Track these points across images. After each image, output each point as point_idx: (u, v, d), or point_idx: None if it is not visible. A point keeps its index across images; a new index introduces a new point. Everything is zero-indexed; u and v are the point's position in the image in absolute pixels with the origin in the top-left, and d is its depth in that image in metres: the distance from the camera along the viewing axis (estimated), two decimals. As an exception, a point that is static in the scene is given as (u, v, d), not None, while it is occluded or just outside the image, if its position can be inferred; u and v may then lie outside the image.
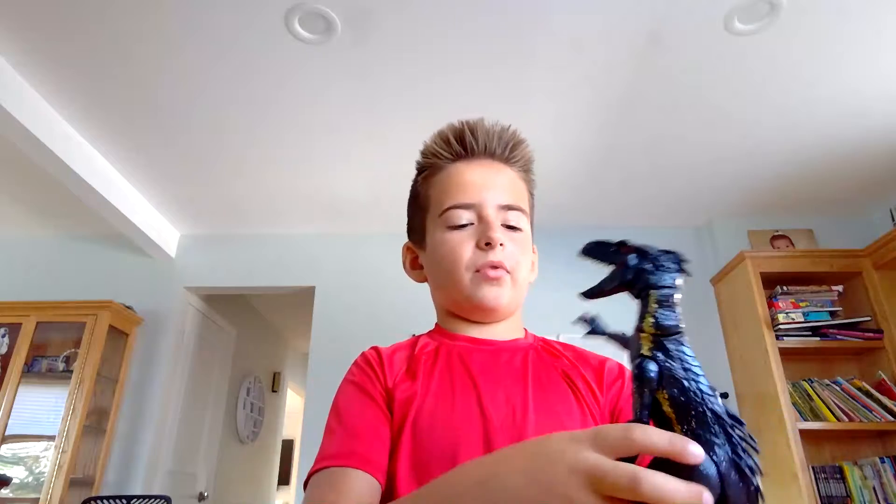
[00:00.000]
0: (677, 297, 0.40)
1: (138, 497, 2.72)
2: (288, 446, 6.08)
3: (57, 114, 2.44)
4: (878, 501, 2.52)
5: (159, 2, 1.90)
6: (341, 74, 2.21)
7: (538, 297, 0.83)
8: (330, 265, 3.38)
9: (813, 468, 2.57)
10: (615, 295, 0.43)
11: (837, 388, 2.71)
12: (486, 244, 0.69)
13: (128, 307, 3.16)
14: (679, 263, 0.41)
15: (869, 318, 2.76)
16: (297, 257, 3.42)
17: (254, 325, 4.66)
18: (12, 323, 3.06)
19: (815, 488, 2.50)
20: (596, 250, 0.45)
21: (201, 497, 3.62)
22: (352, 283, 3.32)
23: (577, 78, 2.24)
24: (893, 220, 2.91)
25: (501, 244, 0.70)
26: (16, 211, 3.33)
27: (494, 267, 0.69)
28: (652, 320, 0.40)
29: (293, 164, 2.82)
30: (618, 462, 0.35)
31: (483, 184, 0.73)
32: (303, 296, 3.42)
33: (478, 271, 0.70)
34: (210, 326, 3.81)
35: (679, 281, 0.40)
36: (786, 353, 2.68)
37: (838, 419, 2.59)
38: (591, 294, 0.44)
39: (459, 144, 0.76)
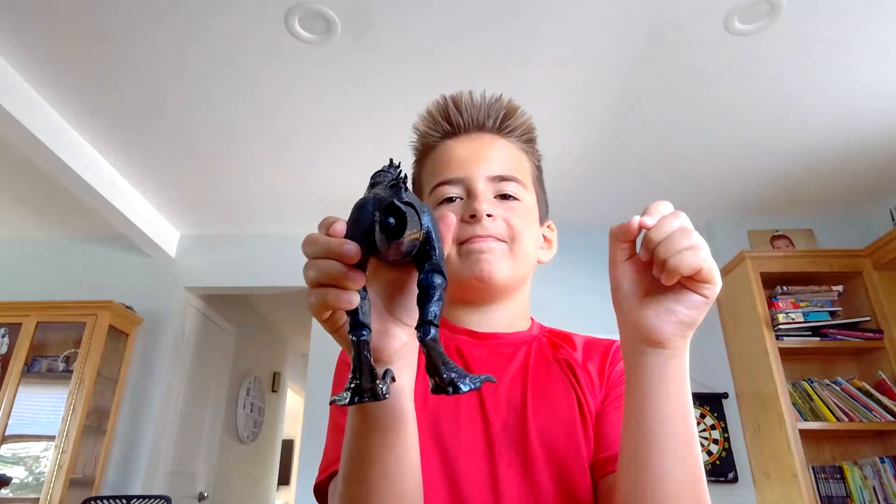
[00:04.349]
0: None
1: (138, 497, 2.72)
2: (288, 446, 6.09)
3: (57, 114, 2.44)
4: (878, 501, 2.52)
5: (160, 3, 1.90)
6: (341, 74, 2.21)
7: (534, 293, 0.80)
8: (330, 265, 3.36)
9: (813, 468, 2.57)
10: None
11: (837, 388, 2.71)
12: (471, 216, 0.66)
13: (128, 307, 3.16)
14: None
15: (869, 318, 2.76)
16: (297, 257, 3.37)
17: (254, 325, 4.66)
18: (12, 323, 3.05)
19: (815, 488, 2.50)
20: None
21: (201, 497, 3.62)
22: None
23: (578, 77, 2.24)
24: (893, 220, 2.91)
25: (489, 215, 0.66)
26: (16, 211, 3.33)
27: (482, 238, 0.65)
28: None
29: (293, 164, 2.82)
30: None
31: (471, 158, 0.69)
32: (303, 296, 3.40)
33: (463, 244, 0.66)
34: (210, 326, 3.81)
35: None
36: (786, 353, 2.68)
37: (838, 419, 2.59)
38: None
39: (446, 122, 0.72)
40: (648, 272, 0.47)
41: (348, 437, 0.50)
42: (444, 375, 0.39)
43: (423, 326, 0.40)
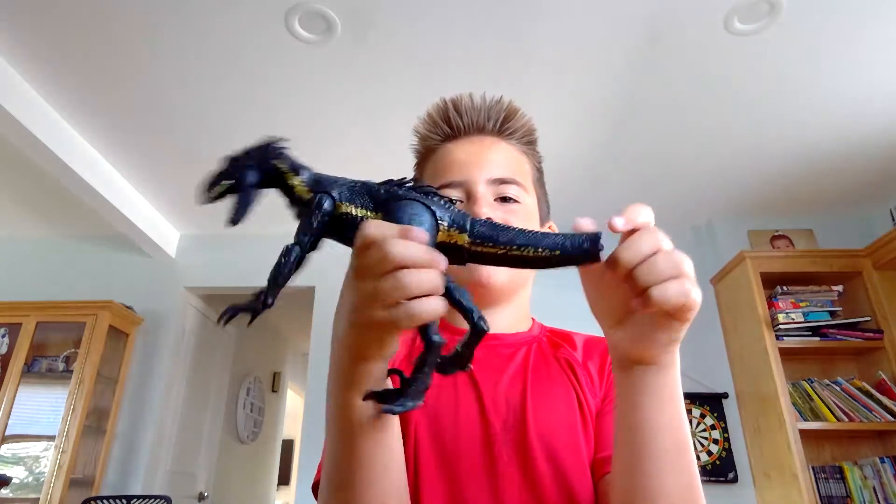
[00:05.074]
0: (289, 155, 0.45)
1: (138, 497, 2.72)
2: (288, 446, 6.08)
3: (57, 114, 2.44)
4: (878, 501, 2.52)
5: (160, 2, 1.90)
6: (341, 74, 2.21)
7: (534, 293, 0.80)
8: (330, 265, 3.33)
9: (813, 468, 2.58)
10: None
11: (837, 388, 2.71)
12: None
13: (128, 307, 3.16)
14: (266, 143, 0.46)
15: (869, 318, 2.76)
16: (297, 257, 3.42)
17: (254, 325, 4.61)
18: (12, 323, 3.06)
19: (815, 488, 2.50)
20: (213, 184, 0.46)
21: (201, 497, 3.62)
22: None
23: (578, 77, 2.24)
24: (893, 220, 2.91)
25: (488, 219, 0.67)
26: (16, 211, 3.33)
27: None
28: (299, 178, 0.44)
29: (293, 164, 2.82)
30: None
31: (471, 161, 0.69)
32: (303, 296, 3.42)
33: None
34: (210, 326, 3.80)
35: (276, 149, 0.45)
36: (786, 353, 2.68)
37: (838, 419, 2.59)
38: (234, 221, 0.45)
39: (446, 125, 0.73)
40: (622, 289, 0.43)
41: (338, 438, 0.49)
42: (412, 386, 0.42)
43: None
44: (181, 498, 3.30)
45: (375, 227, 0.40)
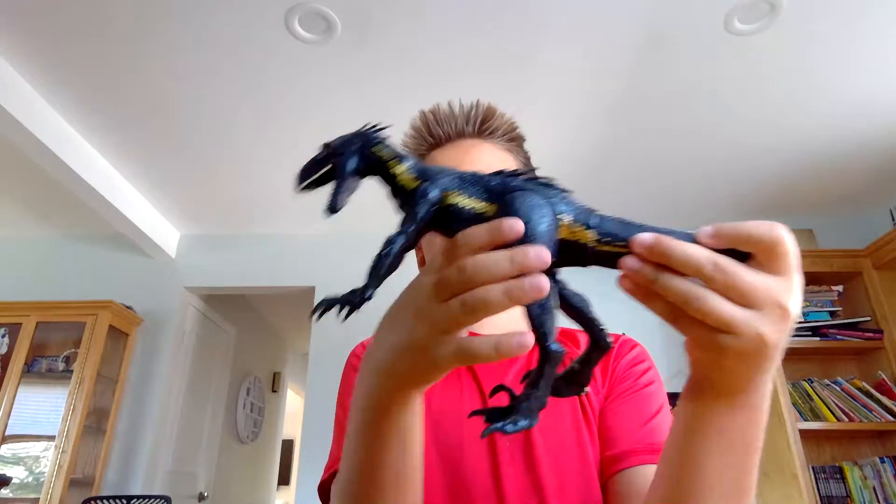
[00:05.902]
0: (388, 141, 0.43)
1: (138, 497, 2.73)
2: (288, 446, 6.08)
3: (57, 114, 2.44)
4: (878, 501, 2.52)
5: (160, 3, 1.90)
6: (341, 75, 2.21)
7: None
8: (330, 265, 3.37)
9: (813, 468, 2.58)
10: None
11: (837, 388, 2.71)
12: None
13: (128, 307, 3.16)
14: (363, 131, 0.43)
15: (869, 318, 2.76)
16: (297, 257, 3.42)
17: (254, 325, 4.66)
18: (12, 323, 3.05)
19: (815, 488, 2.50)
20: (310, 171, 0.45)
21: (201, 497, 3.62)
22: (352, 283, 3.24)
23: (578, 78, 2.24)
24: (893, 220, 2.91)
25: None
26: (16, 211, 3.33)
27: None
28: (404, 167, 0.42)
29: (293, 164, 2.81)
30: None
31: (452, 165, 0.70)
32: (303, 296, 3.42)
33: None
34: (210, 326, 3.81)
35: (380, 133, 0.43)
36: (786, 353, 2.67)
37: (838, 419, 2.59)
38: (333, 208, 0.42)
39: (428, 135, 0.75)
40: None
41: (361, 447, 0.48)
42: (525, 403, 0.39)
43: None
44: (181, 498, 3.30)
45: (462, 233, 0.36)
